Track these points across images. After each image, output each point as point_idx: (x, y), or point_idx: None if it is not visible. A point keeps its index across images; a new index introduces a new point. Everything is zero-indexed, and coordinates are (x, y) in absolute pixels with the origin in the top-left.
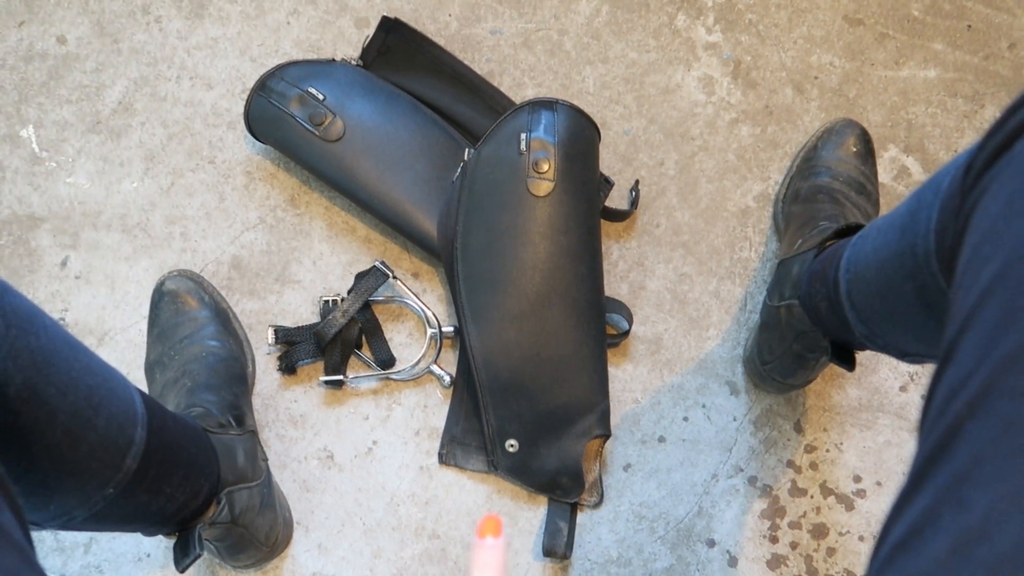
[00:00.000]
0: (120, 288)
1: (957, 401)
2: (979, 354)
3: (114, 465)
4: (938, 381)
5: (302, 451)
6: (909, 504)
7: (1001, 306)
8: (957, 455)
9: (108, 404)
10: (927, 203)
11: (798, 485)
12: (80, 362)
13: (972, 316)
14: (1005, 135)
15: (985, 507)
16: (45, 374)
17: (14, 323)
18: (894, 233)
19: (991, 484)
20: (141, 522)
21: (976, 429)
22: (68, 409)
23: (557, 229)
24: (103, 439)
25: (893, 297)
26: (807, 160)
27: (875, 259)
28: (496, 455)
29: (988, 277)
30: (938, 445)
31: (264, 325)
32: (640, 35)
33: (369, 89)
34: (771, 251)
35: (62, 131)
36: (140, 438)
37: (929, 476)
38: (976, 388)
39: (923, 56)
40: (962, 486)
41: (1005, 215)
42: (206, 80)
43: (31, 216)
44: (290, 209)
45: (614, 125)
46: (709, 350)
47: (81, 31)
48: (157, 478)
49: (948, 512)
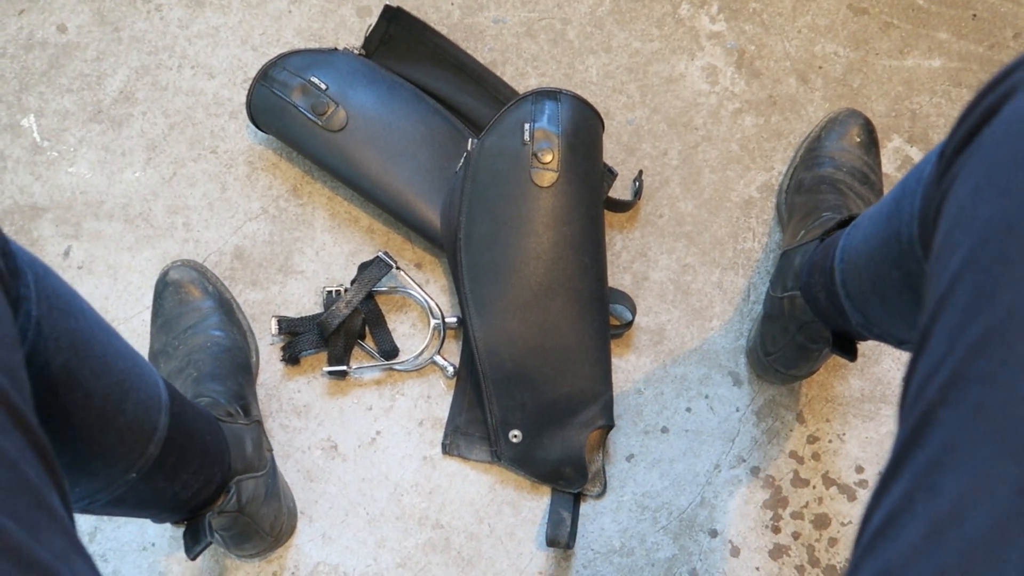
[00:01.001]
0: (122, 278)
1: (930, 387)
2: (950, 340)
3: (139, 450)
4: (913, 368)
5: (306, 441)
6: (887, 491)
7: (969, 292)
8: (930, 441)
9: (137, 389)
10: (911, 190)
11: (800, 475)
12: (113, 346)
13: (942, 303)
14: (974, 120)
15: (956, 492)
16: (82, 357)
17: (55, 305)
18: (881, 221)
19: (962, 470)
20: (155, 507)
21: (947, 415)
22: (101, 392)
23: (560, 219)
24: (131, 423)
25: (883, 284)
26: (811, 150)
27: (865, 248)
28: (499, 445)
29: (957, 263)
30: (913, 431)
31: (267, 315)
32: (643, 24)
33: (371, 78)
34: (774, 242)
35: (63, 120)
36: (164, 424)
37: (905, 463)
38: (947, 374)
39: (928, 45)
40: (935, 472)
41: (972, 201)
42: (207, 69)
43: (33, 206)
44: (292, 199)
45: (617, 115)
46: (712, 341)
47: (82, 19)
48: (176, 465)
49: (922, 498)
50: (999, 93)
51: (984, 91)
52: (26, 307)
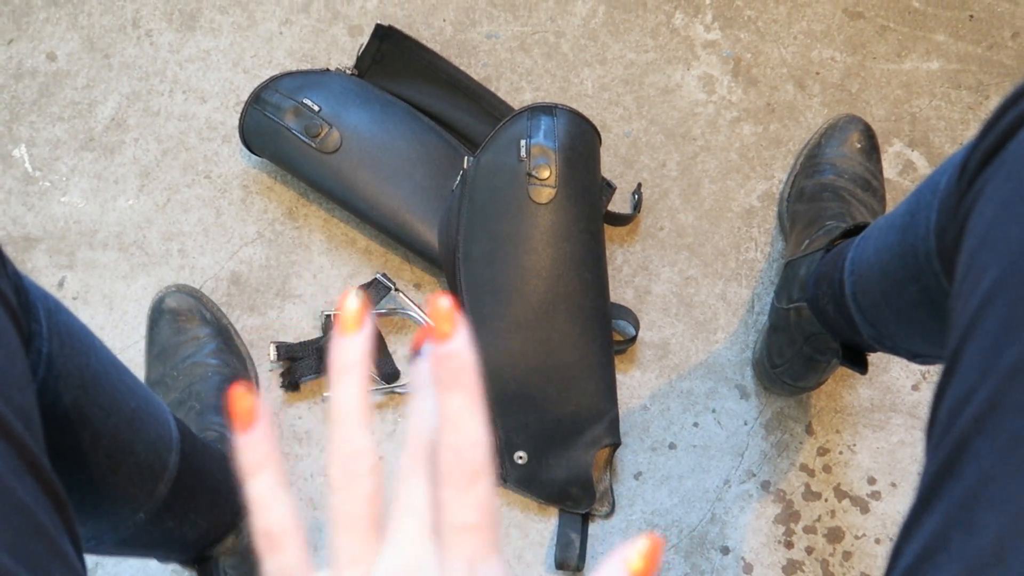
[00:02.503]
0: (118, 307)
1: (963, 416)
2: (983, 366)
3: (148, 490)
4: (943, 394)
5: (307, 468)
6: (919, 524)
7: (1002, 316)
8: (965, 473)
9: (147, 428)
10: (925, 203)
11: (812, 488)
12: (125, 384)
13: (973, 326)
14: (998, 135)
15: (997, 529)
16: (92, 395)
17: (66, 342)
18: (895, 234)
19: (1002, 505)
20: (163, 548)
21: (984, 446)
22: (111, 432)
23: (560, 236)
24: (141, 463)
25: (897, 299)
26: (811, 157)
27: (877, 261)
28: (505, 467)
29: (987, 285)
30: (946, 462)
31: (265, 341)
32: (638, 35)
33: (365, 98)
34: (777, 251)
35: (55, 149)
36: (174, 463)
37: (938, 495)
38: (982, 402)
39: (925, 48)
40: (972, 507)
41: (1001, 219)
42: (199, 93)
43: (26, 236)
44: (288, 222)
45: (614, 127)
46: (717, 354)
47: (71, 47)
48: (185, 505)
49: (959, 535)
50: (1022, 107)
51: (1006, 104)
52: (37, 343)
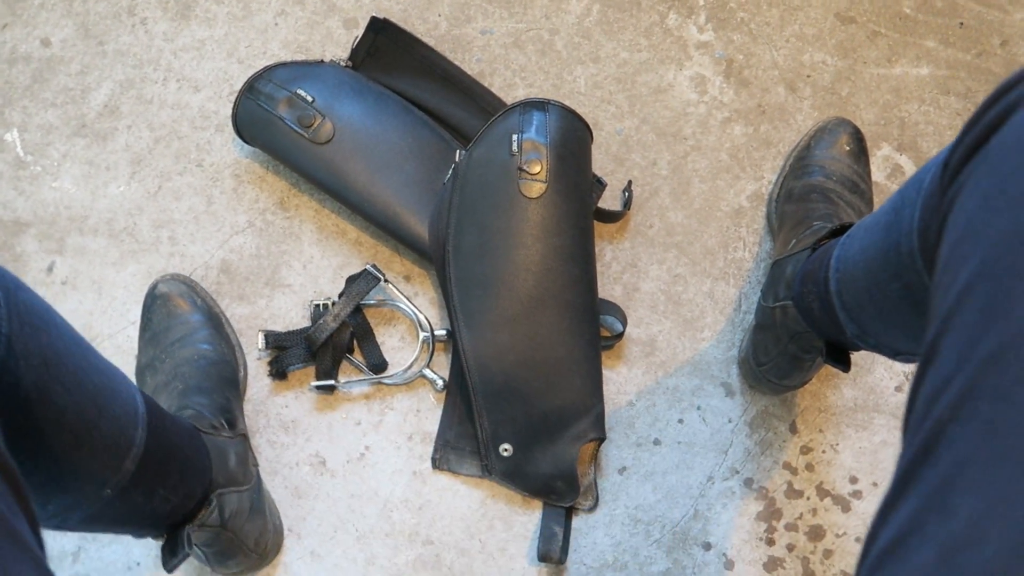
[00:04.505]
0: (107, 293)
1: (939, 403)
2: (960, 355)
3: (114, 466)
4: (920, 382)
5: (293, 457)
6: (895, 509)
7: (981, 306)
8: (941, 459)
9: (112, 405)
10: (910, 201)
11: (794, 487)
12: (88, 361)
13: (952, 316)
14: (980, 131)
15: (970, 513)
16: (55, 373)
17: (27, 321)
18: (879, 231)
19: (975, 490)
20: (134, 524)
21: (959, 432)
22: (75, 409)
23: (549, 231)
24: (106, 440)
25: (881, 296)
26: (800, 159)
27: (862, 258)
28: (490, 459)
29: (967, 276)
30: (922, 448)
31: (254, 330)
32: (631, 34)
33: (358, 90)
34: (765, 251)
35: (47, 135)
36: (140, 439)
37: (914, 480)
38: (958, 390)
39: (915, 54)
40: (947, 491)
41: (982, 212)
42: (193, 82)
43: (16, 221)
44: (279, 212)
45: (606, 125)
46: (704, 351)
47: (65, 33)
48: (153, 480)
49: (933, 518)
50: (1004, 104)
51: (989, 102)
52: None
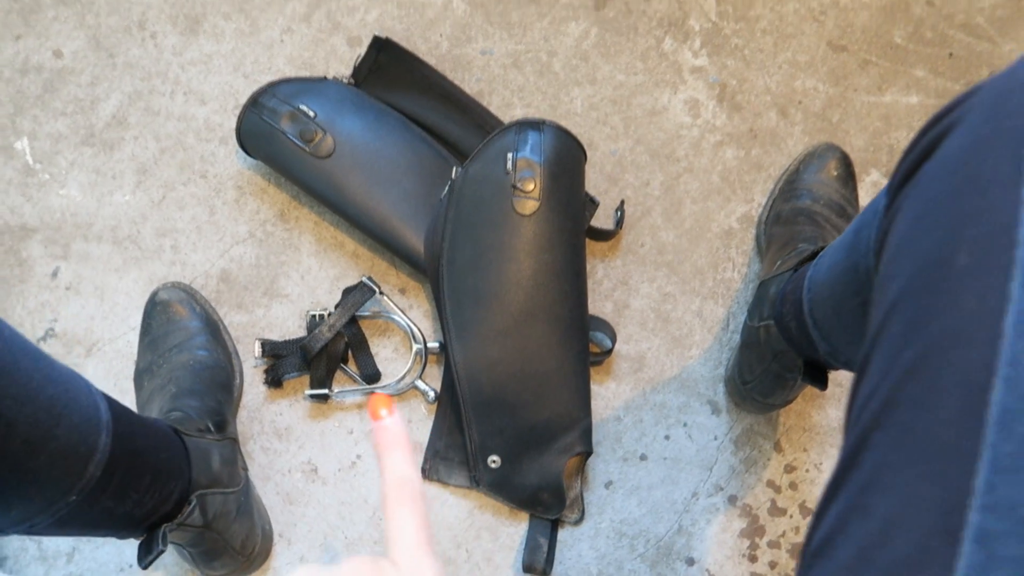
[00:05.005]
0: (109, 299)
1: (867, 411)
2: (885, 367)
3: (76, 473)
4: (854, 393)
5: (286, 464)
6: (826, 512)
7: (903, 321)
8: (864, 463)
9: (70, 413)
10: (867, 222)
11: (778, 505)
12: (40, 372)
13: (880, 331)
14: (915, 157)
15: (885, 513)
16: (2, 386)
17: None
18: (843, 251)
19: (890, 491)
20: (108, 526)
21: (880, 438)
22: (27, 420)
23: (541, 247)
24: (64, 448)
25: (845, 313)
26: (789, 183)
27: (828, 278)
28: (478, 470)
29: (894, 293)
30: (850, 454)
31: (251, 338)
32: (628, 58)
33: (360, 107)
34: (754, 272)
35: (56, 143)
36: (104, 445)
37: (842, 484)
38: (881, 399)
39: (905, 82)
40: (867, 493)
41: (909, 234)
42: (199, 95)
43: (23, 227)
44: (279, 224)
45: (601, 145)
46: (691, 369)
47: (77, 45)
48: (123, 484)
49: (854, 519)
50: (938, 130)
51: (925, 128)
52: None
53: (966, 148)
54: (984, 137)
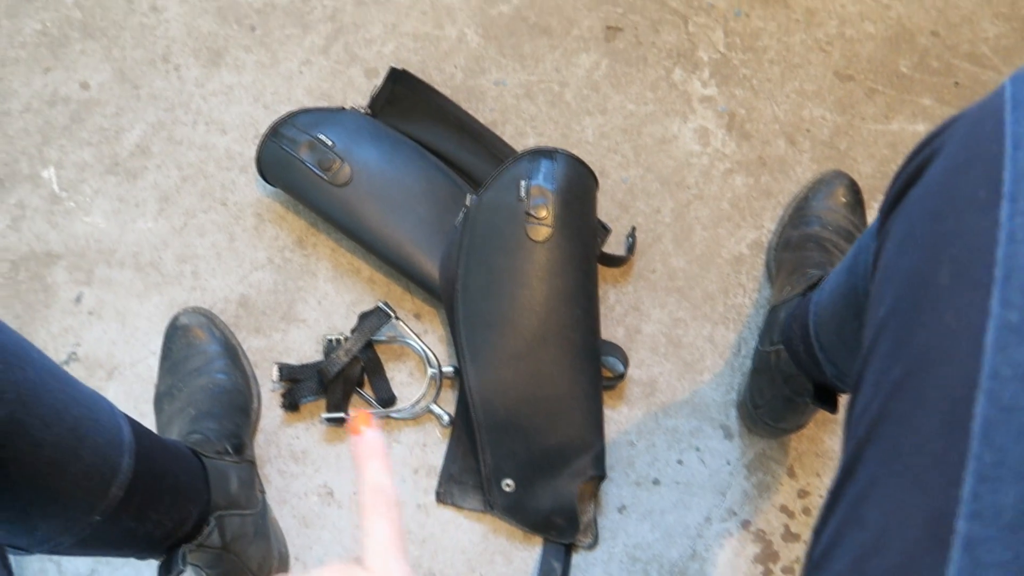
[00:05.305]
0: (131, 324)
1: (860, 427)
2: (875, 383)
3: (100, 493)
4: (850, 410)
5: (302, 487)
6: (825, 526)
7: (891, 339)
8: (859, 477)
9: (94, 434)
10: (865, 246)
11: (791, 530)
12: (66, 394)
13: (871, 349)
14: (902, 182)
15: (877, 524)
16: (30, 407)
17: (1, 358)
18: (844, 275)
19: (882, 503)
20: (129, 547)
21: (872, 452)
22: (53, 440)
23: (554, 273)
24: (88, 468)
25: (847, 335)
26: (798, 209)
27: (830, 300)
28: (492, 494)
29: (883, 313)
30: (846, 468)
31: (269, 362)
32: (638, 88)
33: (376, 136)
34: (764, 297)
35: (81, 172)
36: (127, 466)
37: (839, 497)
38: (872, 415)
39: (912, 111)
40: (861, 506)
41: (895, 255)
42: (220, 125)
43: (48, 253)
44: (297, 250)
45: (612, 173)
46: (703, 394)
47: (103, 77)
48: (144, 505)
49: (850, 531)
50: (923, 156)
51: (912, 155)
52: None
53: (947, 172)
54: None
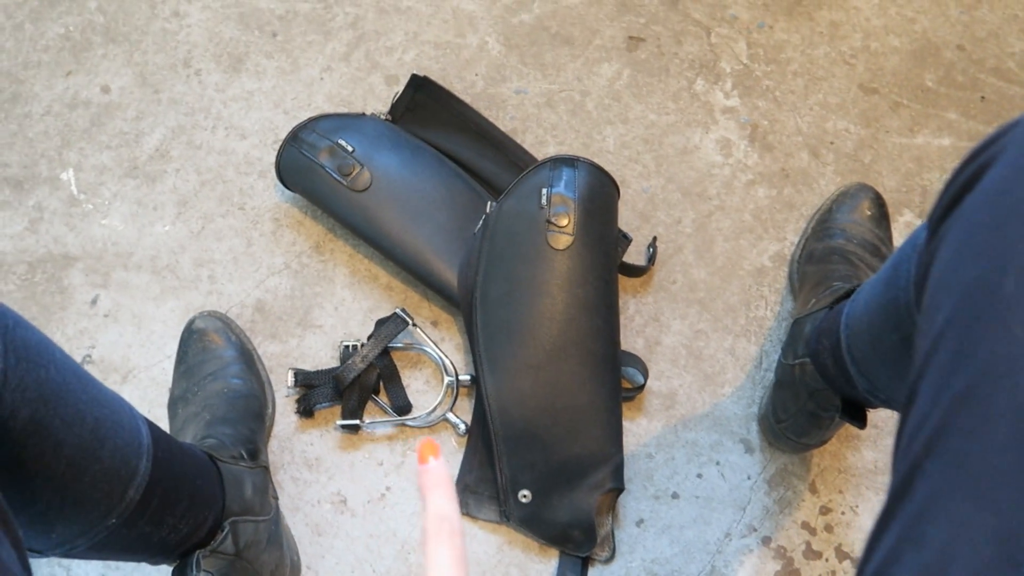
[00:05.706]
0: (146, 327)
1: (917, 441)
2: (934, 395)
3: (117, 495)
4: (903, 423)
5: (315, 494)
6: (879, 543)
7: (952, 349)
8: (917, 493)
9: (114, 436)
10: (906, 257)
11: (813, 547)
12: (88, 395)
13: (928, 360)
14: (956, 189)
15: (940, 543)
16: (52, 407)
17: (24, 357)
18: (881, 286)
19: (945, 520)
20: (144, 552)
21: (932, 467)
22: (73, 441)
23: (574, 282)
24: (107, 470)
25: (884, 348)
26: (822, 222)
27: (866, 313)
28: (508, 505)
29: (940, 323)
30: (901, 483)
31: (284, 368)
32: (660, 98)
33: (396, 142)
34: (786, 310)
35: (100, 175)
36: (144, 469)
37: (894, 514)
38: (932, 428)
39: (937, 125)
40: (921, 523)
41: (954, 263)
42: (240, 130)
43: (65, 255)
44: (315, 255)
45: (633, 183)
46: (723, 407)
47: (124, 81)
48: (160, 509)
49: (909, 550)
50: (979, 163)
51: (967, 161)
52: None
53: (1008, 179)
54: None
